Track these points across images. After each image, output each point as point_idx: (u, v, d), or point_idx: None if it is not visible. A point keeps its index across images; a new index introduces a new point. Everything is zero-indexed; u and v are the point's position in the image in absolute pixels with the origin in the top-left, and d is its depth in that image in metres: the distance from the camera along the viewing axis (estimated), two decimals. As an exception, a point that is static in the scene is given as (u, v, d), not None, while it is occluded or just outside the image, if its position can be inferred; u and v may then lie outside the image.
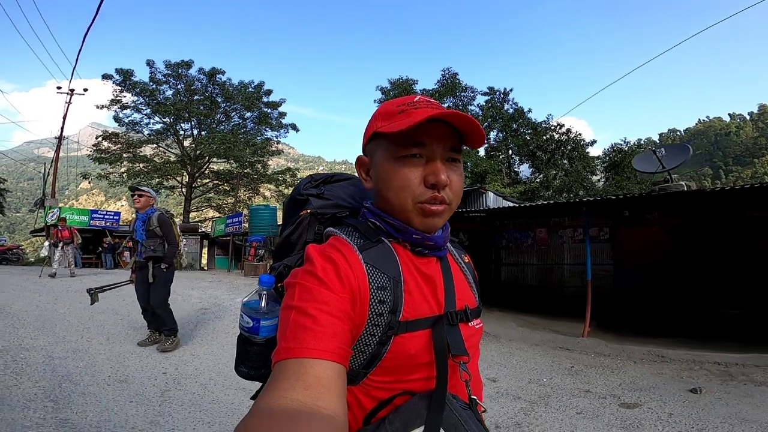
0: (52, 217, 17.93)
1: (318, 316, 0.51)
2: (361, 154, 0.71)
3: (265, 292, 0.69)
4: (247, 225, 15.77)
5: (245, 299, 0.70)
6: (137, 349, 4.18)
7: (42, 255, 17.47)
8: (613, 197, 5.43)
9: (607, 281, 7.43)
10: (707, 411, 3.01)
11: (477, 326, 0.69)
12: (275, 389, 0.44)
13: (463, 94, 21.79)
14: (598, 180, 26.73)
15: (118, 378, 3.28)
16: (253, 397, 0.69)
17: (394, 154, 0.62)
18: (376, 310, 0.58)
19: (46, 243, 19.20)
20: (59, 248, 10.55)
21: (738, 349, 4.48)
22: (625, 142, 25.67)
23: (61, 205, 21.65)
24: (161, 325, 4.38)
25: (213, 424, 2.59)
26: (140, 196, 4.27)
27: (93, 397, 2.89)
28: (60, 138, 19.45)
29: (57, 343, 4.16)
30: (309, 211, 0.74)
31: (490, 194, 12.67)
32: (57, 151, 19.57)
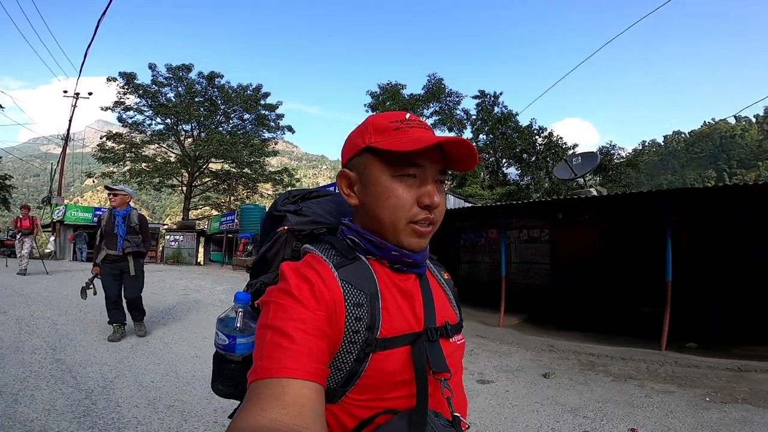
0: (58, 213, 19.10)
1: (294, 335, 0.51)
2: (343, 168, 0.69)
3: (241, 310, 0.69)
4: (239, 222, 16.84)
5: (220, 316, 0.69)
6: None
7: (48, 250, 18.68)
8: (524, 202, 6.37)
9: (545, 279, 8.35)
10: (536, 391, 3.42)
11: (459, 342, 0.69)
12: (252, 409, 0.44)
13: (448, 99, 22.70)
14: (587, 181, 27.55)
15: (102, 338, 4.30)
16: (230, 416, 0.68)
17: (390, 172, 0.62)
18: (353, 327, 0.57)
19: (52, 238, 20.46)
20: (17, 239, 9.13)
21: (624, 344, 5.07)
22: (611, 144, 26.43)
23: (66, 201, 22.81)
24: (134, 312, 4.55)
25: (161, 364, 3.60)
26: (115, 195, 4.41)
27: (82, 348, 3.92)
28: (66, 140, 20.61)
29: (60, 315, 5.19)
30: (286, 227, 0.74)
31: (450, 197, 13.63)
32: (63, 152, 20.73)
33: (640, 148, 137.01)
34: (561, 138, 22.72)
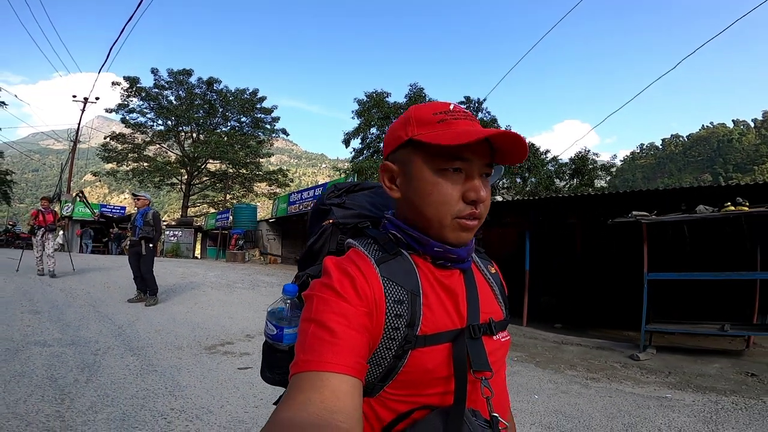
0: (67, 209, 20.83)
1: (336, 329, 0.51)
2: (386, 160, 0.67)
3: (289, 301, 0.71)
4: (232, 220, 18.61)
5: (270, 308, 0.72)
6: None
7: (59, 243, 20.43)
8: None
9: (521, 275, 10.13)
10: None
11: (503, 339, 0.68)
12: (292, 402, 0.45)
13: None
14: (565, 185, 29.29)
15: (123, 300, 6.06)
16: (276, 403, 0.68)
17: (434, 166, 0.60)
18: (393, 324, 0.57)
19: (61, 232, 22.15)
20: (39, 237, 7.60)
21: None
22: (585, 149, 28.16)
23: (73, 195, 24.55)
24: (147, 287, 6.08)
25: (164, 315, 5.38)
26: (138, 199, 6.27)
27: (111, 305, 5.69)
28: (75, 142, 22.31)
29: (93, 287, 6.96)
30: (332, 221, 0.74)
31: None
32: (72, 153, 22.46)
33: (638, 151, 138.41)
34: (531, 143, 24.45)
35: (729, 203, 4.40)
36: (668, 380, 4.00)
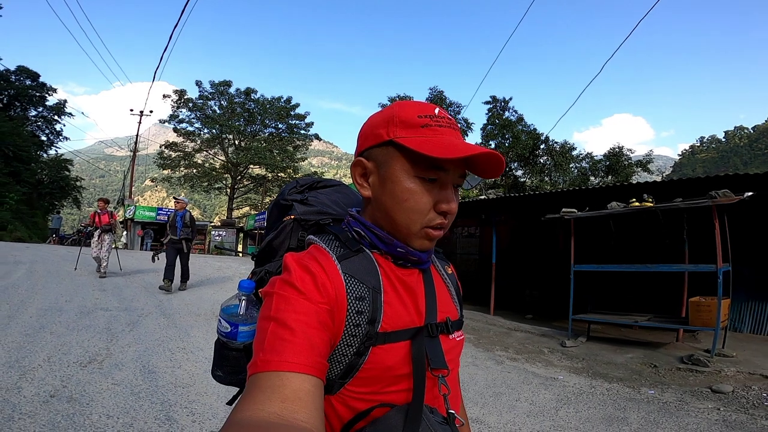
0: (130, 212, 23.82)
1: (296, 327, 0.51)
2: (360, 156, 0.65)
3: (244, 298, 0.69)
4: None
5: (224, 305, 0.70)
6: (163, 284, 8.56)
7: (122, 242, 23.44)
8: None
9: (475, 266, 10.90)
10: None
11: (458, 338, 0.69)
12: (252, 402, 0.44)
13: (449, 108, 25.08)
14: (599, 182, 28.71)
15: (146, 288, 7.63)
16: (229, 403, 0.70)
17: (412, 172, 0.60)
18: (354, 321, 0.57)
19: (125, 232, 25.34)
20: (96, 238, 7.86)
21: (488, 312, 7.43)
22: (618, 147, 27.45)
23: (135, 202, 27.86)
24: (182, 275, 7.38)
25: (189, 305, 6.79)
26: (178, 202, 7.41)
27: (153, 287, 7.26)
28: (134, 152, 25.34)
29: (147, 274, 8.68)
30: (293, 217, 0.74)
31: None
32: (132, 162, 25.54)
33: (698, 144, 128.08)
34: (556, 142, 24.39)
35: (634, 199, 4.96)
36: (575, 365, 4.45)
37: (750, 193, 3.97)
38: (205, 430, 2.51)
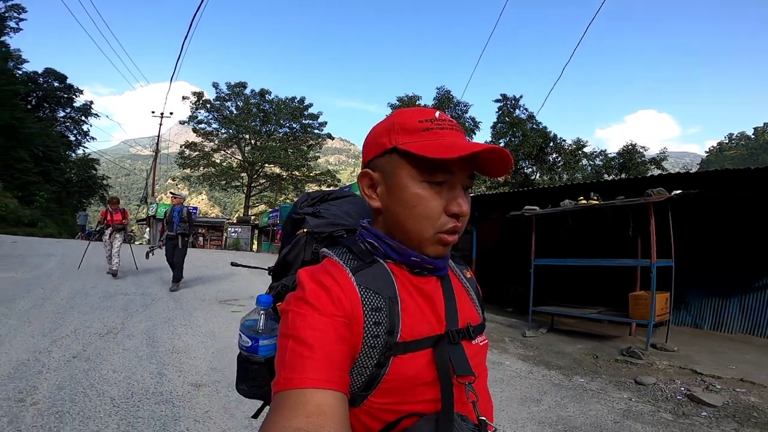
0: (153, 210, 25.12)
1: (314, 344, 0.51)
2: (365, 168, 0.65)
3: (263, 312, 0.71)
4: (279, 217, 21.40)
5: (244, 320, 0.71)
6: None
7: (146, 237, 24.78)
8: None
9: (469, 262, 11.33)
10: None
11: (481, 343, 0.68)
12: (278, 419, 0.46)
13: (456, 108, 25.34)
14: (612, 179, 28.49)
15: (159, 282, 8.43)
16: (254, 416, 0.72)
17: (418, 177, 0.59)
18: (372, 332, 0.57)
19: (148, 229, 26.71)
20: (107, 236, 7.63)
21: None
22: (631, 144, 27.18)
23: (158, 199, 29.26)
24: (175, 275, 7.02)
25: (197, 292, 7.56)
26: (175, 197, 7.24)
27: (168, 276, 8.06)
28: (156, 152, 26.65)
29: (164, 267, 9.54)
30: (306, 230, 0.75)
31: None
32: (154, 162, 26.87)
33: (726, 141, 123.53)
34: (564, 141, 24.42)
35: (582, 197, 5.32)
36: (527, 353, 4.68)
37: (678, 192, 4.31)
38: (186, 382, 3.15)
